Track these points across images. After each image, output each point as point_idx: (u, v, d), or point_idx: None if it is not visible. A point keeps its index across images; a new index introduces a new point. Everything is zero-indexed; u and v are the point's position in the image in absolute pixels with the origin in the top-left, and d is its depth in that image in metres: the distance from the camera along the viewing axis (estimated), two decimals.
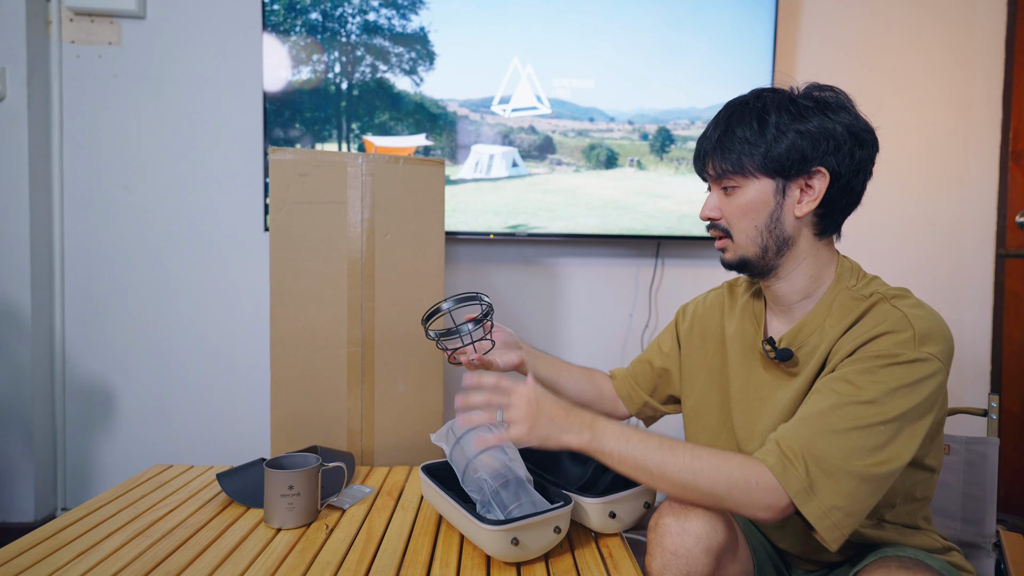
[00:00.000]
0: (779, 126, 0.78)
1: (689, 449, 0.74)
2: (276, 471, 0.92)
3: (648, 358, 1.09)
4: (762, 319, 0.92)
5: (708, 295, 1.04)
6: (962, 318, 2.17)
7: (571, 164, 1.96)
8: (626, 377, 1.11)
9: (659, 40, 1.94)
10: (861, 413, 0.72)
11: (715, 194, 0.86)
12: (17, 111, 1.81)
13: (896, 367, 0.72)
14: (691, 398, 1.00)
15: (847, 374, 0.75)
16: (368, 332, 1.33)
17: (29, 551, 0.83)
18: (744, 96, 0.84)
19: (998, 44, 2.13)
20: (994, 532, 1.05)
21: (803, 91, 0.82)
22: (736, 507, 0.72)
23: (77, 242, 1.93)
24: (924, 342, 0.73)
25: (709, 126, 0.85)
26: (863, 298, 0.80)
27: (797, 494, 0.70)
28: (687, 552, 0.72)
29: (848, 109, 0.81)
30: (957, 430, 1.95)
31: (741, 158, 0.80)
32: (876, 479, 0.71)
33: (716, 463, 0.72)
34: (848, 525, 0.71)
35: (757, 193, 0.81)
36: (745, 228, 0.83)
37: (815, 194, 0.80)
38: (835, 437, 0.71)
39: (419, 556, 0.84)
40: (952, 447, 1.08)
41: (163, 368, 1.96)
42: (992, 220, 2.16)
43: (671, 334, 1.07)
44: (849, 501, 0.70)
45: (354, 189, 1.32)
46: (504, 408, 0.80)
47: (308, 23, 1.83)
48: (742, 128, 0.80)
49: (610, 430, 0.78)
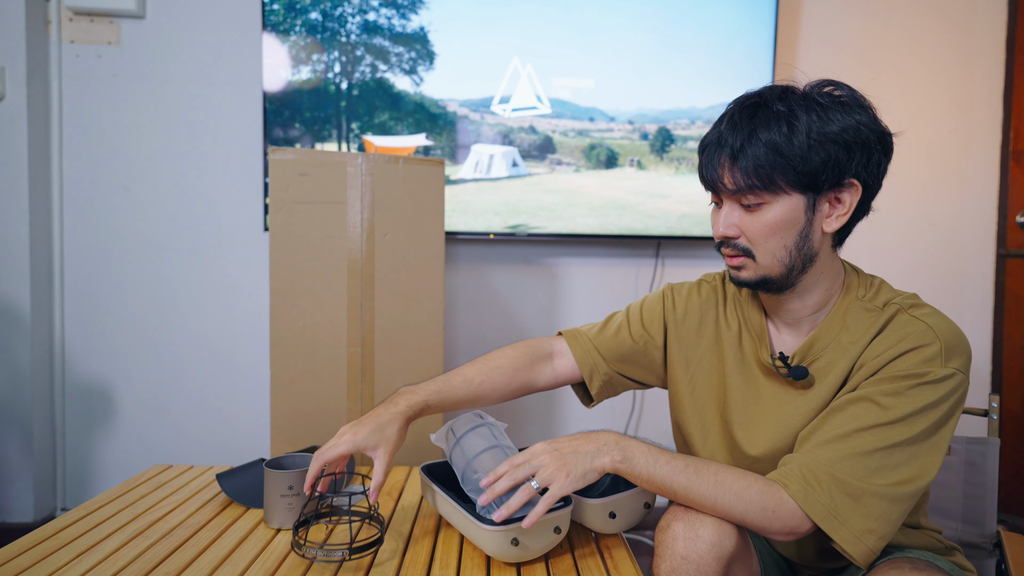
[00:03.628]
0: (811, 133, 0.69)
1: (713, 473, 0.72)
2: (276, 471, 0.92)
3: (626, 331, 0.97)
4: (764, 331, 0.86)
5: (702, 287, 0.96)
6: (962, 318, 2.16)
7: (571, 164, 1.96)
8: (587, 342, 0.98)
9: (659, 40, 1.94)
10: (886, 434, 0.69)
11: (732, 209, 0.75)
12: (17, 111, 1.81)
13: (924, 387, 0.70)
14: (681, 389, 0.94)
15: (872, 394, 0.72)
16: (368, 332, 1.33)
17: (29, 551, 0.83)
18: (760, 93, 0.74)
19: (998, 44, 2.13)
20: (995, 532, 1.05)
21: (823, 90, 0.74)
22: (754, 529, 0.72)
23: (77, 242, 1.93)
24: (951, 356, 0.71)
25: (723, 130, 0.74)
26: (878, 309, 0.77)
27: (824, 520, 0.69)
28: (699, 558, 0.70)
29: (867, 109, 0.74)
30: (957, 430, 1.95)
31: (773, 172, 0.70)
32: (904, 498, 0.69)
33: (737, 490, 0.71)
34: (880, 547, 0.69)
35: (788, 211, 0.72)
36: (772, 248, 0.74)
37: (846, 208, 0.74)
38: (859, 459, 0.69)
39: (419, 556, 0.84)
40: (952, 447, 1.08)
41: (163, 368, 1.96)
42: (992, 220, 2.16)
43: (658, 315, 0.96)
44: (881, 523, 0.68)
45: (354, 189, 1.32)
46: (534, 475, 0.75)
47: (308, 23, 1.83)
48: (770, 132, 0.70)
49: (638, 450, 0.75)
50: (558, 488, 0.73)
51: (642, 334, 0.96)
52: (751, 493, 0.71)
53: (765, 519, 0.70)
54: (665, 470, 0.73)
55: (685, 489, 0.73)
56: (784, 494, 0.70)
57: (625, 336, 0.97)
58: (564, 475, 0.73)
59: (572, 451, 0.75)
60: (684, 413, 0.94)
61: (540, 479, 0.74)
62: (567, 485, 0.73)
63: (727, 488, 0.71)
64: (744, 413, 0.86)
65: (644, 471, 0.74)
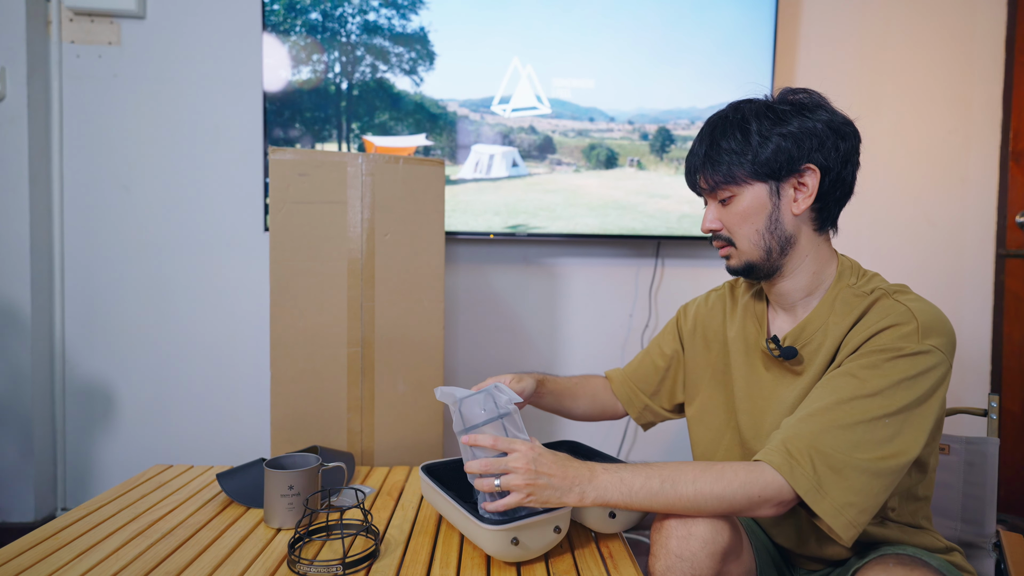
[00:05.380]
0: (761, 132, 0.81)
1: (691, 480, 0.74)
2: (276, 471, 0.92)
3: (649, 359, 1.09)
4: (764, 319, 0.92)
5: (710, 296, 1.05)
6: (962, 318, 2.17)
7: (571, 164, 1.96)
8: (625, 380, 1.11)
9: (659, 40, 1.94)
10: (866, 407, 0.72)
11: (712, 206, 0.88)
12: (17, 111, 1.81)
13: (900, 360, 0.73)
14: (696, 400, 1.01)
15: (851, 369, 0.76)
16: (368, 332, 1.33)
17: (29, 551, 0.83)
18: (722, 111, 0.87)
19: (998, 44, 2.13)
20: (994, 532, 1.05)
21: (778, 97, 0.85)
22: (744, 516, 0.75)
23: (77, 242, 1.93)
24: (927, 334, 0.74)
25: (694, 143, 0.88)
26: (865, 294, 0.81)
27: (807, 492, 0.71)
28: (692, 556, 0.73)
29: (824, 107, 0.83)
30: (957, 430, 1.95)
31: (731, 168, 0.82)
32: (886, 473, 0.71)
33: (718, 492, 0.73)
34: (862, 522, 0.71)
35: (753, 199, 0.83)
36: (747, 233, 0.84)
37: (809, 190, 0.82)
38: (841, 432, 0.72)
39: (419, 556, 0.84)
40: (952, 447, 1.08)
41: (163, 368, 1.96)
42: (992, 220, 2.16)
43: (673, 334, 1.07)
44: (862, 497, 0.71)
45: (354, 189, 1.32)
46: (503, 475, 0.78)
47: (308, 23, 1.83)
48: (727, 140, 0.83)
49: (610, 483, 0.76)
50: (513, 500, 0.76)
51: (664, 356, 1.07)
52: (732, 490, 0.73)
53: (752, 506, 0.73)
54: (641, 495, 0.75)
55: (667, 507, 0.75)
56: (768, 472, 0.73)
57: (648, 364, 1.09)
58: (526, 494, 0.76)
59: (547, 477, 0.77)
60: (698, 419, 1.00)
61: (504, 482, 0.77)
62: (523, 502, 0.76)
63: (708, 494, 0.73)
64: (748, 401, 0.90)
65: (620, 500, 0.76)
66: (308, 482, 0.93)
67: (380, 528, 0.93)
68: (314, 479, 0.95)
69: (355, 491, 1.01)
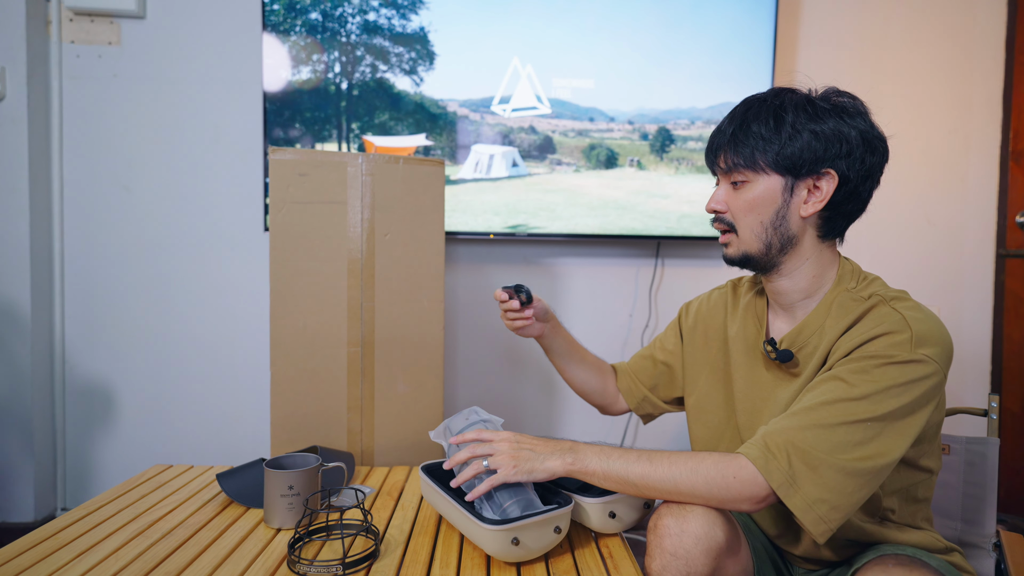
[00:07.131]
0: (795, 125, 0.79)
1: (667, 457, 0.77)
2: (276, 471, 0.92)
3: (650, 353, 1.10)
4: (764, 319, 0.92)
5: (712, 294, 1.05)
6: (962, 318, 2.17)
7: (571, 164, 1.96)
8: (627, 371, 1.12)
9: (659, 40, 1.94)
10: (850, 409, 0.72)
11: (723, 187, 0.86)
12: (17, 111, 1.81)
13: (890, 367, 0.73)
14: (693, 395, 1.01)
15: (840, 372, 0.76)
16: (368, 332, 1.33)
17: (29, 551, 0.83)
18: (763, 93, 0.85)
19: (998, 44, 2.13)
20: (994, 532, 1.05)
21: (822, 93, 0.83)
22: (720, 502, 0.74)
23: (77, 242, 1.93)
24: (921, 344, 0.74)
25: (724, 120, 0.86)
26: (862, 300, 0.81)
27: (780, 486, 0.71)
28: (686, 553, 0.72)
29: (864, 116, 0.82)
30: (957, 430, 1.95)
31: (754, 153, 0.81)
32: (862, 474, 0.71)
33: (692, 465, 0.75)
34: (835, 519, 0.71)
35: (765, 189, 0.82)
36: (750, 224, 0.83)
37: (822, 195, 0.81)
38: (821, 431, 0.72)
39: (419, 556, 0.84)
40: (952, 447, 1.08)
41: (163, 368, 1.96)
42: (992, 220, 2.16)
43: (674, 331, 1.08)
44: (834, 494, 0.71)
45: (354, 189, 1.32)
46: (489, 456, 0.84)
47: (308, 23, 1.83)
48: (758, 124, 0.81)
49: (591, 450, 0.81)
50: (502, 475, 0.81)
51: (664, 351, 1.08)
52: (706, 465, 0.74)
53: (727, 487, 0.73)
54: (618, 464, 0.78)
55: (642, 478, 0.77)
56: (744, 461, 0.73)
57: (649, 359, 1.10)
58: (512, 466, 0.81)
59: (529, 448, 0.83)
60: (697, 415, 1.00)
61: (491, 462, 0.82)
62: (511, 475, 0.81)
63: (682, 466, 0.75)
64: (748, 400, 0.90)
65: (598, 469, 0.79)
66: (308, 482, 0.93)
67: (380, 528, 0.93)
68: (314, 479, 0.95)
69: (355, 491, 1.01)
